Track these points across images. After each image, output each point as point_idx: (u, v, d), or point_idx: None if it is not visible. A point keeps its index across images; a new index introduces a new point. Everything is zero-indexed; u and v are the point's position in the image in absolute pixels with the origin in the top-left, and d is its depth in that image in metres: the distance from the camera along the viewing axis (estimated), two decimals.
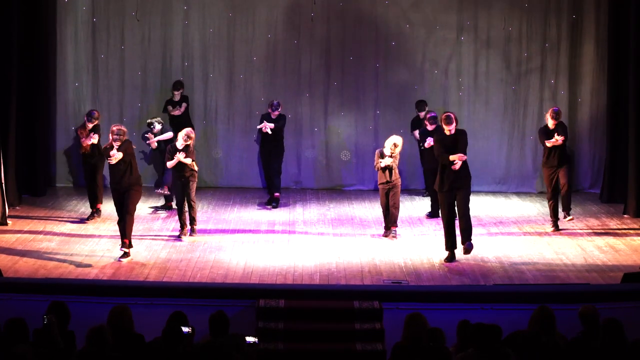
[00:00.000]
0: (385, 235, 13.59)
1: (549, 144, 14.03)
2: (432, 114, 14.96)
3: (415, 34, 17.23)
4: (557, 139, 13.96)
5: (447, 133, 12.53)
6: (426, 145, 14.73)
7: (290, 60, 17.26)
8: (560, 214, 14.29)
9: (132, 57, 17.15)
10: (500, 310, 10.51)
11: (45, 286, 10.84)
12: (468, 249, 12.40)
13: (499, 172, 17.24)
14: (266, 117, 15.75)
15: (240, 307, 10.66)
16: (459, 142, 12.47)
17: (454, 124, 12.52)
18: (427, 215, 14.97)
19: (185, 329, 7.85)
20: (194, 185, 13.50)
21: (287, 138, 16.64)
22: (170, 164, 13.45)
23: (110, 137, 12.60)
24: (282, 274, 11.90)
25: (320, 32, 17.18)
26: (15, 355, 7.10)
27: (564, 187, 14.12)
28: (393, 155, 13.44)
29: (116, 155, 12.44)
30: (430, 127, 14.73)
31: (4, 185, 14.14)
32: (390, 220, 13.61)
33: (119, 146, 12.51)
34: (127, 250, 12.21)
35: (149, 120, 15.46)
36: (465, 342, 7.91)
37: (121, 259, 12.16)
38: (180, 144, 13.47)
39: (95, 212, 14.30)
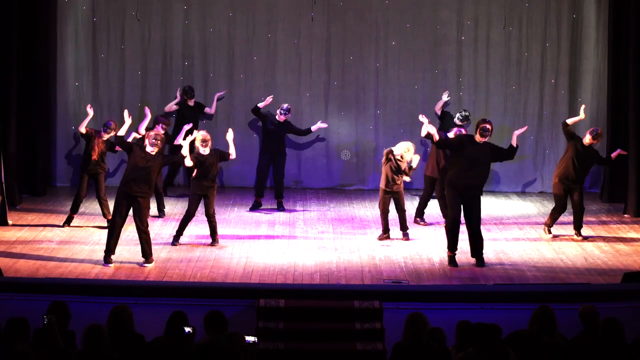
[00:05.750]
0: (382, 238, 13.54)
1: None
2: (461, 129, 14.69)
3: (416, 34, 17.23)
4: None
5: (478, 140, 12.36)
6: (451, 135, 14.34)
7: (290, 60, 17.28)
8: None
9: (132, 57, 17.16)
10: (500, 310, 10.52)
11: (45, 286, 10.84)
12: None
13: (499, 172, 17.24)
14: (271, 118, 15.63)
15: (240, 307, 10.66)
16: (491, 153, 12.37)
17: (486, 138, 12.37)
18: (421, 220, 14.82)
19: (186, 329, 7.86)
20: (214, 199, 13.25)
21: (287, 138, 16.63)
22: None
23: (147, 142, 12.15)
24: (282, 273, 11.90)
25: (320, 32, 17.19)
26: (15, 354, 7.11)
27: (578, 206, 13.75)
28: (402, 161, 13.36)
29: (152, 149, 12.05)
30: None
31: (4, 184, 14.14)
32: (401, 225, 13.59)
33: (156, 153, 12.14)
34: (151, 263, 12.14)
35: None
36: (464, 343, 7.92)
37: (145, 264, 12.13)
38: (203, 151, 13.11)
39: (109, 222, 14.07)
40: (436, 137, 12.54)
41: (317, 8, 16.84)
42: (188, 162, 12.87)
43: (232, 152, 13.34)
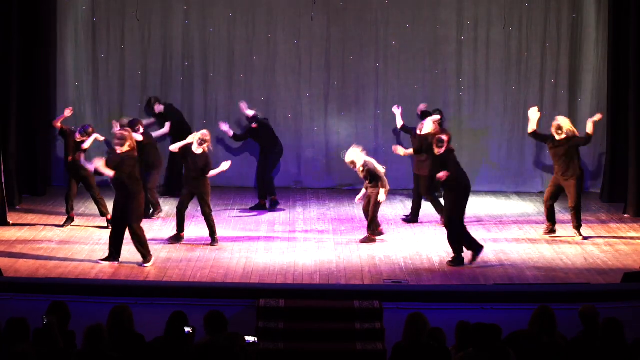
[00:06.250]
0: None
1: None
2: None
3: (416, 34, 17.24)
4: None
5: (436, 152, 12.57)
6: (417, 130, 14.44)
7: (290, 60, 17.27)
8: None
9: (132, 57, 17.16)
10: (500, 310, 10.52)
11: (45, 286, 10.84)
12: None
13: (499, 172, 17.25)
14: (250, 130, 15.78)
15: (240, 307, 10.67)
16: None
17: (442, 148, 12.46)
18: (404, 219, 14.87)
19: (186, 329, 7.87)
20: (207, 197, 13.18)
21: (287, 138, 16.66)
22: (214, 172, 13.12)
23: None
24: (282, 273, 11.90)
25: (320, 32, 17.19)
26: (15, 354, 7.11)
27: (573, 205, 13.72)
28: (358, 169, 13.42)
29: (94, 166, 12.03)
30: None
31: (4, 184, 14.14)
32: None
33: (124, 152, 12.05)
34: (149, 263, 12.12)
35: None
36: (463, 343, 7.92)
37: (144, 264, 12.12)
38: (195, 148, 13.17)
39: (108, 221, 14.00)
40: (408, 152, 13.68)
41: (317, 8, 16.84)
42: (173, 148, 13.31)
43: (212, 174, 13.19)
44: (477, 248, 12.39)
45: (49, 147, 16.87)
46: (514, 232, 14.26)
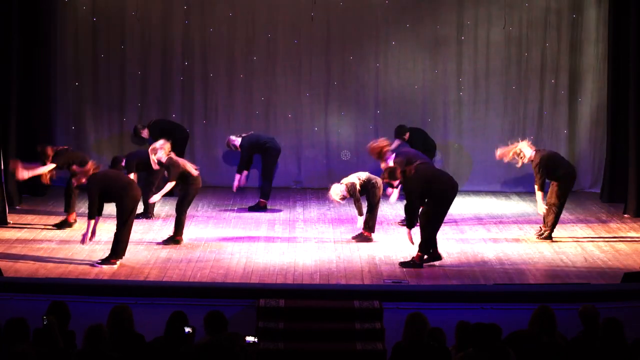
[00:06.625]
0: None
1: None
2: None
3: (415, 34, 17.24)
4: None
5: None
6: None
7: (290, 60, 17.28)
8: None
9: (132, 57, 17.16)
10: (500, 310, 10.51)
11: (45, 286, 10.83)
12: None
13: (499, 171, 17.24)
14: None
15: (240, 307, 10.66)
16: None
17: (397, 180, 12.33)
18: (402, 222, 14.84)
19: (186, 329, 7.87)
20: (183, 199, 13.22)
21: (287, 138, 16.67)
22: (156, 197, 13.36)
23: None
24: (282, 273, 11.90)
25: (320, 32, 17.20)
26: (15, 354, 7.11)
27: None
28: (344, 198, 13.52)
29: (89, 233, 12.12)
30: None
31: (4, 184, 14.14)
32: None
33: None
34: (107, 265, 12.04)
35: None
36: (463, 343, 7.92)
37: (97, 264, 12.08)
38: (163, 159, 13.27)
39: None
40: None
41: (317, 8, 16.84)
42: (155, 166, 13.33)
43: (156, 197, 13.51)
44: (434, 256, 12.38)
45: None
46: (514, 232, 14.27)
